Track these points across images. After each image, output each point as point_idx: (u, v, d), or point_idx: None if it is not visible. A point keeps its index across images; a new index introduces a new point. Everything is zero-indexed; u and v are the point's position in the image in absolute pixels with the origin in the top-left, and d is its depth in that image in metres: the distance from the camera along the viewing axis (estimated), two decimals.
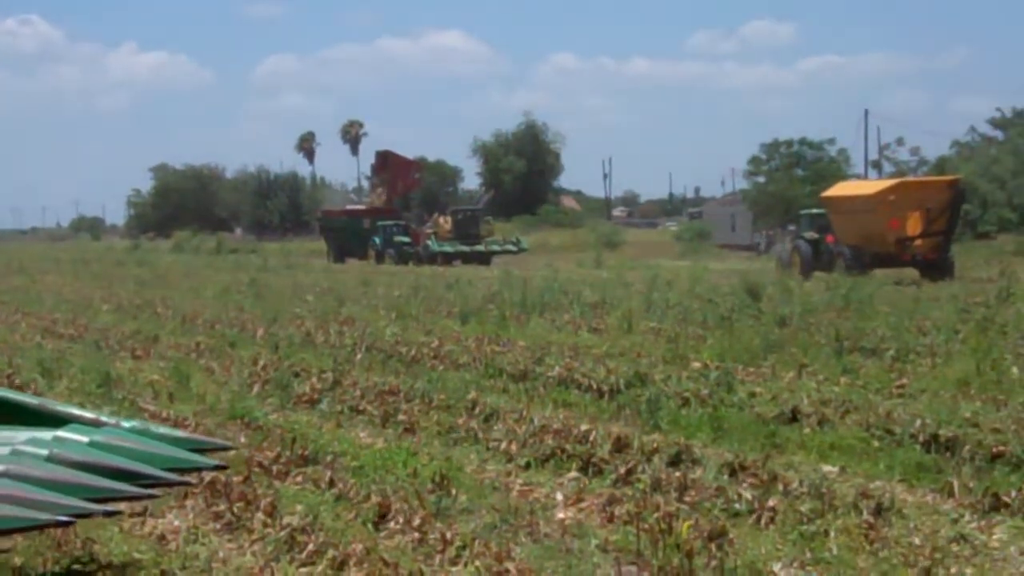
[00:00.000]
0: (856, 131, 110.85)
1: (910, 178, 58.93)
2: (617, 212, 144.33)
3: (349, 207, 78.33)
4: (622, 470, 10.05)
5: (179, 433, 7.60)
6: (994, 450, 10.33)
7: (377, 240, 62.39)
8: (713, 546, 7.84)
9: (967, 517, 8.73)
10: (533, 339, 19.33)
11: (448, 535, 8.13)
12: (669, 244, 77.26)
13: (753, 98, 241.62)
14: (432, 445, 11.56)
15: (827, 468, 10.27)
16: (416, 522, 8.49)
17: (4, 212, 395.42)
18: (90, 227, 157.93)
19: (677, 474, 9.78)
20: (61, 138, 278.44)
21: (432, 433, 12.11)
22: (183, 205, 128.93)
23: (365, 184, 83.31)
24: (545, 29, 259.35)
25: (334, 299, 28.94)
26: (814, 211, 43.00)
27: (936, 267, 36.87)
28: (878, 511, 8.65)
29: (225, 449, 8.17)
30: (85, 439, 6.94)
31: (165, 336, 21.71)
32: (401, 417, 12.73)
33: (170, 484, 7.12)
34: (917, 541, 8.06)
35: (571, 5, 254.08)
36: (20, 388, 13.66)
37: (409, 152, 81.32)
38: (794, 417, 12.16)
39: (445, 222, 62.90)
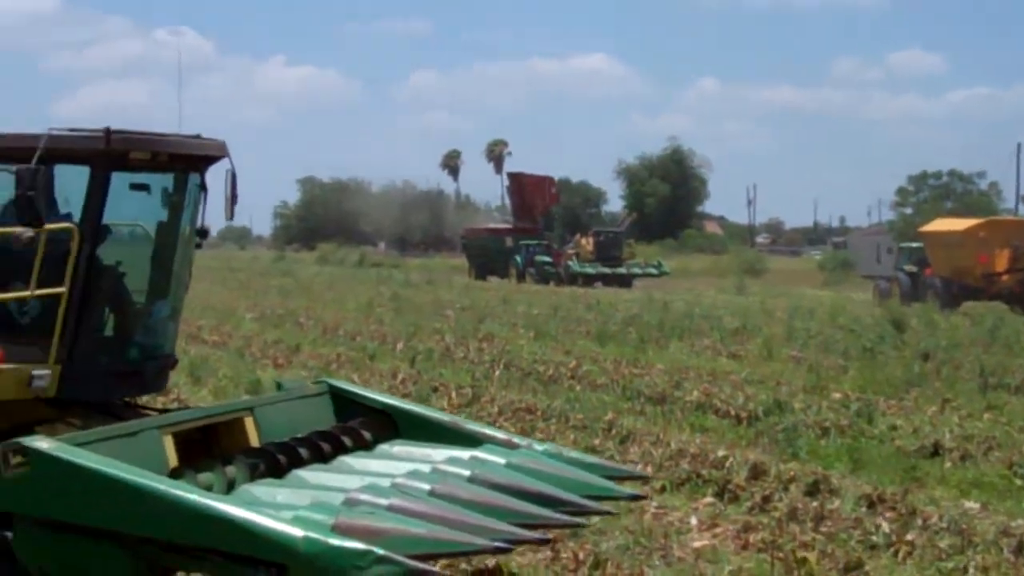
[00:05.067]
0: (1008, 165, 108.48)
1: (1000, 217, 61.17)
2: (760, 239, 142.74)
3: (491, 225, 78.56)
4: (758, 497, 10.00)
5: (592, 459, 7.37)
6: None
7: (518, 259, 62.52)
8: None
9: None
10: (671, 363, 19.30)
11: (581, 555, 8.15)
12: (812, 273, 76.23)
13: (900, 128, 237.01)
14: None
15: (968, 504, 10.11)
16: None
17: None
18: (237, 237, 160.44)
19: (814, 504, 9.70)
20: None
21: None
22: (328, 218, 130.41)
23: (508, 203, 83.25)
24: (689, 54, 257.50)
25: (474, 316, 29.15)
26: (913, 244, 44.07)
27: (1021, 301, 37.79)
28: (1019, 549, 8.49)
29: (640, 479, 7.97)
30: (502, 461, 6.72)
31: (307, 346, 22.06)
32: (538, 435, 12.72)
33: (589, 512, 6.86)
34: None
35: (715, 31, 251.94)
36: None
37: (553, 173, 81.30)
38: (935, 451, 11.99)
39: (587, 243, 62.84)
